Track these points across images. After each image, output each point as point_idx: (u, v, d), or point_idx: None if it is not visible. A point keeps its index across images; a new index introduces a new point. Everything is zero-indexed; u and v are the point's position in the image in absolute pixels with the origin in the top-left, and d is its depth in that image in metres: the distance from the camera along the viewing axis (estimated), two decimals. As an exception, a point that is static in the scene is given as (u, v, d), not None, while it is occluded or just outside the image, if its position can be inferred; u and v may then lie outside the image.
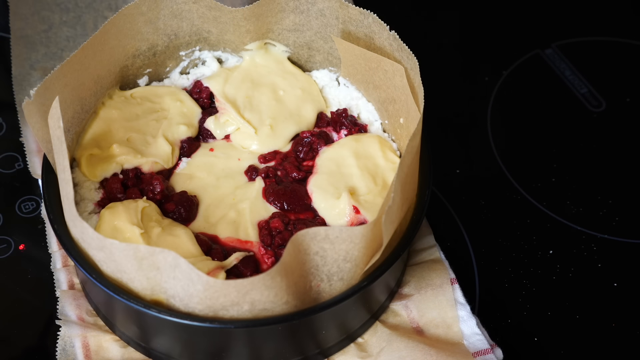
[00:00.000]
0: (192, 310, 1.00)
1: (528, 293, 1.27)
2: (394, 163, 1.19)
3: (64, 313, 1.15)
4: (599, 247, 1.33)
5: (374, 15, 1.15)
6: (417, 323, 1.17)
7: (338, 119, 1.25)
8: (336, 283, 1.03)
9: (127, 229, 1.09)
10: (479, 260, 1.30)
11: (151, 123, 1.22)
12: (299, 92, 1.27)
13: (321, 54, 1.28)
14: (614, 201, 1.39)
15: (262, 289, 0.96)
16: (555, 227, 1.35)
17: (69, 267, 1.21)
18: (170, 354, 1.11)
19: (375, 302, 1.15)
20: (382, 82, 1.19)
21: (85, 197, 1.15)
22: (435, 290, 1.18)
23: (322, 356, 1.13)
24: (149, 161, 1.18)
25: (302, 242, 0.97)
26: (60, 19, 1.44)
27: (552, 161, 1.44)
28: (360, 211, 1.14)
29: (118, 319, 1.12)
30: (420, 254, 1.23)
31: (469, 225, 1.33)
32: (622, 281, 1.29)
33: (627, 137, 1.49)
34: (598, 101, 1.53)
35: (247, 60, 1.29)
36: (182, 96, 1.26)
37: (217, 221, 1.15)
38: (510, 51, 1.60)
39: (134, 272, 0.99)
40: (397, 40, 1.12)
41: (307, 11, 1.22)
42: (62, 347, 1.12)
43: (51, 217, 1.08)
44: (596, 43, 1.63)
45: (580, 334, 1.23)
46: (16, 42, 1.42)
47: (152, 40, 1.24)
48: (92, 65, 1.16)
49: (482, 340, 1.15)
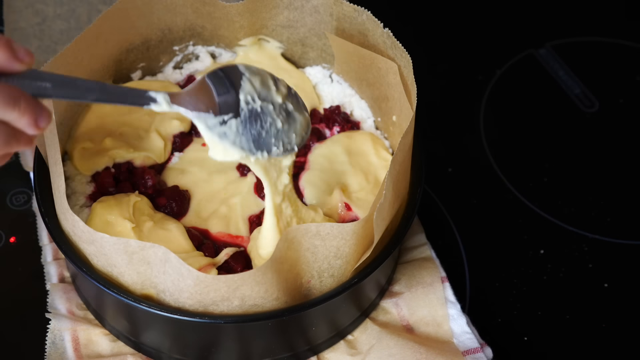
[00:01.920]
0: (182, 305, 1.00)
1: (518, 292, 1.27)
2: (386, 160, 1.19)
3: (54, 306, 1.15)
4: (590, 247, 1.33)
5: (368, 12, 1.15)
6: (407, 321, 1.17)
7: (331, 116, 1.25)
8: (327, 280, 1.03)
9: (118, 222, 1.08)
10: (470, 259, 1.30)
11: (144, 117, 1.22)
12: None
13: (315, 50, 1.28)
14: (605, 202, 1.39)
15: (252, 284, 0.96)
16: (547, 227, 1.35)
17: (60, 261, 1.21)
18: (160, 349, 1.11)
19: (365, 300, 1.15)
20: (375, 79, 1.19)
21: (76, 191, 1.14)
22: (425, 289, 1.18)
23: (311, 353, 1.13)
24: (141, 155, 1.18)
25: (293, 238, 0.97)
26: (54, 12, 1.44)
27: (545, 161, 1.44)
28: (352, 208, 1.14)
29: (108, 313, 1.12)
30: (411, 251, 1.23)
31: (461, 223, 1.33)
32: (613, 282, 1.29)
33: (620, 138, 1.49)
34: (591, 102, 1.53)
35: (241, 56, 1.29)
36: (176, 91, 1.26)
37: (209, 216, 1.15)
38: (503, 50, 1.60)
39: (124, 266, 0.99)
40: (390, 38, 1.12)
41: (301, 8, 1.22)
42: (52, 341, 1.12)
43: (42, 210, 1.08)
44: (590, 44, 1.63)
45: (570, 334, 1.23)
46: (10, 35, 1.41)
47: (145, 35, 1.24)
48: (86, 58, 1.16)
49: (472, 339, 1.15)
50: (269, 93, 1.02)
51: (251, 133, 0.98)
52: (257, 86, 1.00)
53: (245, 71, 1.01)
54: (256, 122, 0.99)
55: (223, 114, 0.97)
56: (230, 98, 0.98)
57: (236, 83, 0.99)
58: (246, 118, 0.98)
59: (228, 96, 0.98)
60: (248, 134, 0.98)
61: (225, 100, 0.98)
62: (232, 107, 0.99)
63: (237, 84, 0.99)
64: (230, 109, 0.98)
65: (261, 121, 0.99)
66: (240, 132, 0.98)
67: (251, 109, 0.99)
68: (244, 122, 0.98)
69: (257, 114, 0.99)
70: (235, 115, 0.98)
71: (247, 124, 0.98)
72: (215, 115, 0.97)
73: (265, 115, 0.99)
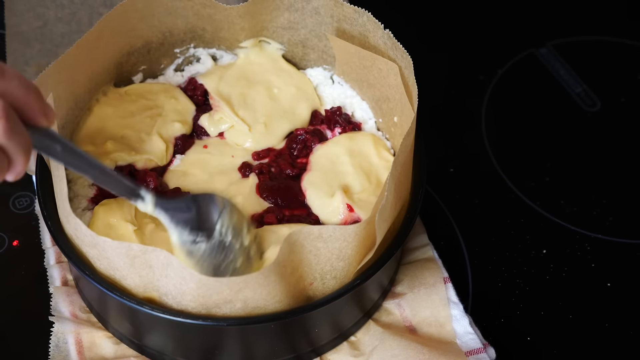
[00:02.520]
0: (184, 307, 1.00)
1: (521, 292, 1.27)
2: (387, 161, 1.19)
3: (57, 309, 1.15)
4: (592, 246, 1.33)
5: (369, 13, 1.15)
6: (410, 322, 1.17)
7: (332, 117, 1.25)
8: (329, 281, 1.03)
9: (120, 225, 1.09)
10: (473, 259, 1.30)
11: (145, 120, 1.22)
12: (294, 90, 1.27)
13: (316, 52, 1.28)
14: (607, 201, 1.39)
15: (255, 287, 0.96)
16: (549, 226, 1.35)
17: (63, 264, 1.21)
18: (163, 351, 1.11)
19: (368, 301, 1.15)
20: (376, 80, 1.19)
21: (79, 194, 1.15)
22: (428, 289, 1.18)
23: (314, 354, 1.13)
24: (143, 158, 1.18)
25: (296, 240, 0.97)
26: (56, 15, 1.44)
27: (546, 160, 1.44)
28: (354, 209, 1.14)
29: (111, 315, 1.12)
30: (414, 252, 1.23)
31: (463, 224, 1.33)
32: (616, 281, 1.29)
33: (621, 137, 1.49)
34: (593, 101, 1.53)
35: (242, 58, 1.29)
36: (177, 93, 1.26)
37: (211, 218, 1.16)
38: (504, 50, 1.60)
39: (126, 269, 0.99)
40: (391, 39, 1.12)
41: (302, 9, 1.22)
42: (55, 344, 1.12)
43: (45, 213, 1.08)
44: (591, 43, 1.63)
45: (573, 334, 1.23)
46: (11, 38, 1.41)
47: (146, 37, 1.24)
48: (87, 62, 1.16)
49: (474, 340, 1.15)
50: (241, 231, 1.05)
51: (215, 260, 1.02)
52: (234, 222, 1.04)
53: (227, 205, 1.04)
54: (221, 253, 1.02)
55: (198, 233, 1.01)
56: (209, 223, 1.02)
57: (218, 211, 1.03)
58: (215, 246, 1.02)
59: (208, 221, 1.02)
60: (212, 260, 1.02)
61: (205, 222, 1.02)
62: (207, 232, 1.02)
63: (218, 212, 1.03)
64: (204, 232, 1.02)
65: (227, 253, 1.03)
66: (206, 255, 1.02)
67: (222, 240, 1.02)
68: (212, 249, 1.02)
69: (224, 246, 1.03)
70: (207, 240, 1.02)
71: (214, 252, 1.02)
72: (189, 231, 1.01)
73: (231, 250, 1.03)
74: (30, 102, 0.86)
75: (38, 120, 0.87)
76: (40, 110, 0.87)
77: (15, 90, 0.84)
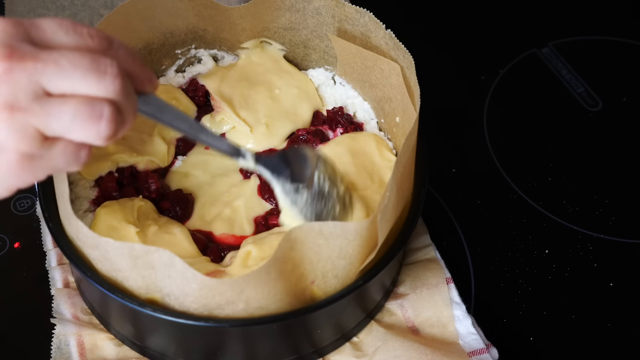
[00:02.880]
0: (187, 309, 1.00)
1: (524, 293, 1.27)
2: (390, 161, 1.19)
3: (59, 311, 1.15)
4: (595, 246, 1.33)
5: (370, 13, 1.15)
6: (413, 322, 1.17)
7: (334, 118, 1.25)
8: (331, 280, 1.03)
9: (122, 227, 1.08)
10: (475, 259, 1.29)
11: (147, 121, 1.20)
12: (295, 91, 1.27)
13: (317, 52, 1.28)
14: (610, 201, 1.39)
15: (256, 284, 0.96)
16: (551, 226, 1.35)
17: (64, 266, 1.20)
18: (165, 353, 1.11)
19: (370, 301, 1.15)
20: (378, 80, 1.19)
21: (80, 195, 1.14)
22: (430, 290, 1.18)
23: (317, 355, 1.13)
24: (145, 159, 1.18)
25: (296, 237, 0.97)
26: (56, 16, 1.44)
27: (548, 160, 1.44)
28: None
29: (113, 317, 1.12)
30: (416, 253, 1.23)
31: (465, 224, 1.33)
32: (618, 281, 1.29)
33: (623, 136, 1.49)
34: (595, 100, 1.53)
35: (243, 59, 1.29)
36: (178, 94, 1.26)
37: (213, 219, 1.15)
38: (506, 50, 1.60)
39: (128, 270, 0.99)
40: (393, 39, 1.12)
41: (303, 10, 1.22)
42: (57, 346, 1.12)
43: (46, 215, 1.08)
44: (593, 42, 1.63)
45: (576, 334, 1.23)
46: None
47: (147, 38, 1.24)
48: (88, 63, 1.16)
49: (477, 340, 1.15)
50: (336, 181, 1.08)
51: (316, 208, 1.06)
52: (329, 172, 1.08)
53: (320, 156, 1.09)
54: (321, 200, 1.07)
55: (299, 184, 1.06)
56: (306, 172, 1.07)
57: (310, 162, 1.07)
58: (316, 193, 1.06)
59: (306, 169, 1.07)
60: (314, 207, 1.06)
61: (303, 172, 1.07)
62: (306, 180, 1.06)
63: (315, 163, 1.07)
64: (304, 181, 1.06)
65: (326, 201, 1.07)
66: (308, 203, 1.06)
67: (322, 187, 1.07)
68: (313, 196, 1.06)
69: (324, 194, 1.07)
70: (307, 187, 1.06)
71: (315, 200, 1.06)
72: (291, 182, 1.06)
73: (330, 197, 1.07)
74: (136, 69, 0.90)
75: (144, 86, 0.92)
76: (147, 77, 0.92)
77: (123, 58, 0.88)
